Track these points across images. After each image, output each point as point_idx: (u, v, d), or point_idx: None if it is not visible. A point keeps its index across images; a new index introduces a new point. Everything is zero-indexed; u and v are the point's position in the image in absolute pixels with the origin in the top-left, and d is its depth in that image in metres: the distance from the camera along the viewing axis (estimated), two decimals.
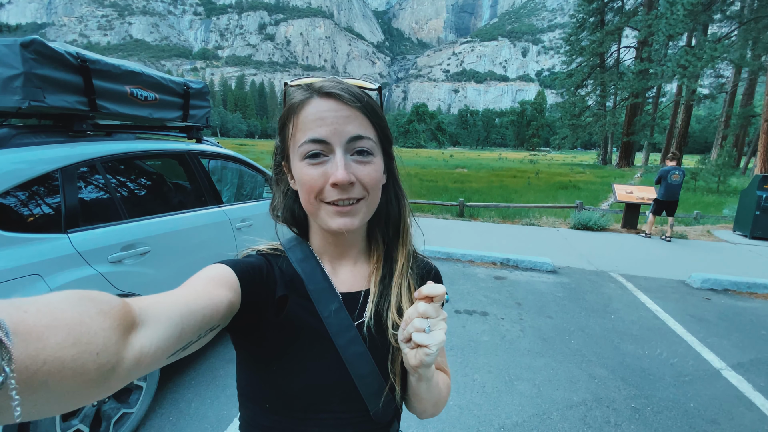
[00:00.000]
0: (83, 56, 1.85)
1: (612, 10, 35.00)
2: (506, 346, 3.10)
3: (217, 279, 0.50)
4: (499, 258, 5.30)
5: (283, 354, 0.56)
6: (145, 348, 0.35)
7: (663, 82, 29.08)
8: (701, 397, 2.52)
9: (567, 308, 3.87)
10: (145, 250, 2.04)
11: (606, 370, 2.77)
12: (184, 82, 2.63)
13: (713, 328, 3.55)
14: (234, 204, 2.93)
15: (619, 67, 35.44)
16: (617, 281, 4.71)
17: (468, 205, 9.26)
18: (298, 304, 0.58)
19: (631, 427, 2.22)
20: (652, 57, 27.65)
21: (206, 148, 2.84)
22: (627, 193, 7.59)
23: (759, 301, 4.30)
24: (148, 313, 0.37)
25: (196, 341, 0.44)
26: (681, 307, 3.99)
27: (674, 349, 3.13)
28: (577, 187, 17.10)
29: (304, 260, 0.61)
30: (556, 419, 2.26)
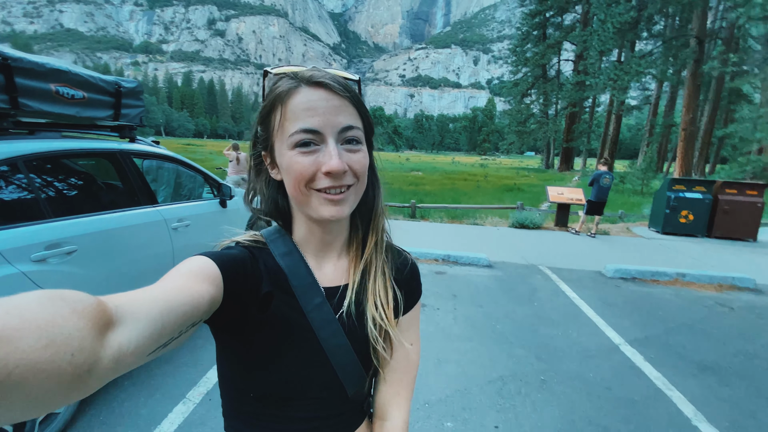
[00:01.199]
0: (4, 54, 1.82)
1: (552, 25, 37.64)
2: (439, 333, 3.35)
3: (198, 272, 0.49)
4: (440, 255, 5.62)
5: (267, 348, 0.57)
6: (124, 347, 0.34)
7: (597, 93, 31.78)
8: (600, 369, 2.91)
9: (497, 298, 4.23)
10: (71, 249, 2.03)
11: (524, 350, 3.11)
12: (115, 81, 2.61)
13: (619, 310, 4.06)
14: (170, 204, 2.93)
15: (559, 78, 38.14)
16: (544, 273, 5.19)
17: (419, 206, 9.62)
18: (282, 300, 0.58)
19: (538, 395, 2.54)
20: (588, 70, 30.07)
21: (140, 148, 2.82)
22: (558, 195, 8.30)
23: (660, 287, 4.94)
24: (126, 310, 0.36)
25: (177, 337, 0.43)
26: (595, 294, 4.51)
27: (584, 329, 3.56)
28: (522, 189, 18.23)
29: (287, 254, 0.60)
30: (475, 393, 2.52)
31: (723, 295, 4.75)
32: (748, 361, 3.15)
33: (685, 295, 4.67)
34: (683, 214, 8.11)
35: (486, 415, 2.32)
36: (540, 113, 39.61)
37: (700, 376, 2.88)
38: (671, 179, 8.36)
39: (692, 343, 3.42)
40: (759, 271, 5.69)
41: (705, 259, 6.27)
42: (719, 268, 5.74)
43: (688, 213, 8.10)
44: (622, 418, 2.36)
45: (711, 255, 6.61)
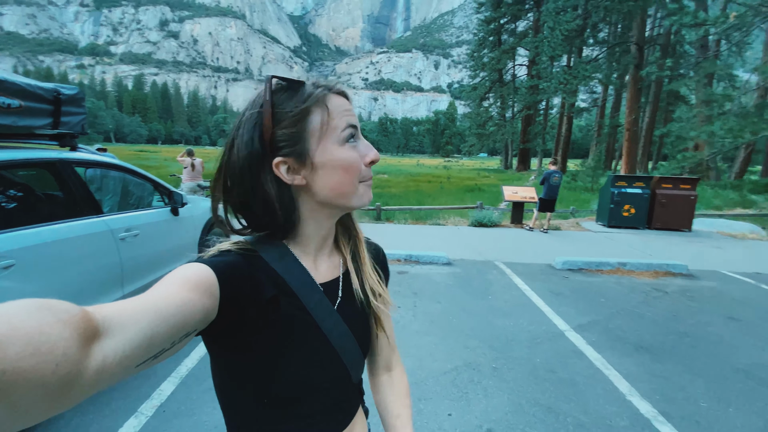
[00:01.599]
0: None
1: (507, 31, 39.33)
2: (399, 329, 3.45)
3: (194, 280, 0.48)
4: (403, 255, 5.75)
5: (277, 350, 0.58)
6: (109, 358, 0.34)
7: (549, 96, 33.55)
8: (546, 353, 3.12)
9: (455, 294, 4.40)
10: (8, 264, 1.93)
11: (478, 341, 3.28)
12: (54, 88, 2.51)
13: (565, 299, 4.35)
14: (117, 213, 2.84)
15: (515, 82, 39.86)
16: (499, 268, 5.45)
17: (384, 209, 9.74)
18: (287, 301, 0.59)
19: (490, 382, 2.69)
20: (540, 74, 31.70)
21: (82, 156, 2.72)
22: (513, 194, 8.71)
23: (604, 276, 5.33)
24: (113, 320, 0.36)
25: (169, 348, 0.42)
26: (545, 285, 4.80)
27: (533, 318, 3.79)
28: (482, 189, 18.87)
29: (281, 258, 0.61)
30: (431, 384, 2.63)
31: (659, 281, 5.19)
32: (678, 340, 3.49)
33: (625, 282, 5.07)
34: (626, 208, 8.76)
35: (440, 404, 2.44)
36: (498, 116, 41.18)
37: (635, 356, 3.16)
38: (614, 176, 9.01)
39: (630, 326, 3.74)
40: (692, 258, 6.27)
41: (644, 249, 6.82)
42: (657, 256, 6.26)
43: (630, 207, 8.76)
44: (564, 397, 2.55)
45: (650, 245, 7.19)
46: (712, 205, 13.59)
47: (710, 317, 4.00)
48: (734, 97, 18.41)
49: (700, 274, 5.53)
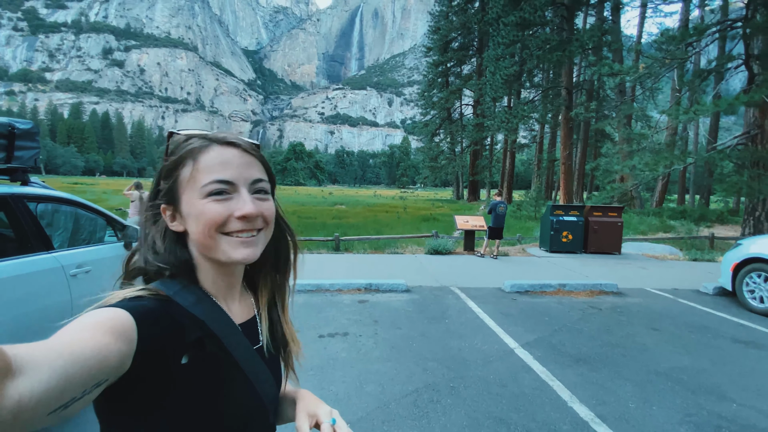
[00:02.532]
0: None
1: (454, 74, 42.56)
2: (361, 358, 3.54)
3: (108, 324, 0.45)
4: (363, 284, 5.87)
5: (205, 396, 0.56)
6: (25, 399, 0.32)
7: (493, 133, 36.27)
8: (498, 371, 3.36)
9: (414, 319, 4.58)
10: None
11: (436, 363, 3.45)
12: (8, 123, 2.49)
13: (514, 319, 4.69)
14: (68, 249, 2.76)
15: (462, 119, 42.70)
16: (454, 293, 5.74)
17: (343, 239, 9.84)
18: (210, 342, 0.59)
19: (448, 400, 2.85)
20: (485, 113, 34.33)
21: (34, 191, 2.65)
22: (464, 222, 9.26)
23: (547, 297, 5.79)
24: (25, 360, 0.33)
25: (80, 398, 0.39)
26: (495, 307, 5.13)
27: (486, 338, 4.05)
28: (437, 219, 19.59)
29: (198, 302, 0.60)
30: (393, 407, 2.74)
31: (594, 299, 5.74)
32: (611, 350, 3.89)
33: (566, 301, 5.55)
34: (564, 234, 9.59)
35: (403, 425, 2.55)
36: (448, 150, 43.58)
37: (575, 367, 3.49)
38: (552, 206, 9.90)
39: (570, 340, 4.11)
40: (621, 277, 6.98)
41: (581, 271, 7.49)
42: (592, 277, 6.91)
43: (568, 233, 9.61)
44: (514, 408, 2.77)
45: (586, 267, 7.90)
46: (638, 230, 15.19)
47: (637, 329, 4.50)
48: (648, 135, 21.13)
49: (628, 291, 6.18)
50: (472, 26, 37.69)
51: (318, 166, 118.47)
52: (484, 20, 32.34)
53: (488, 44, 29.63)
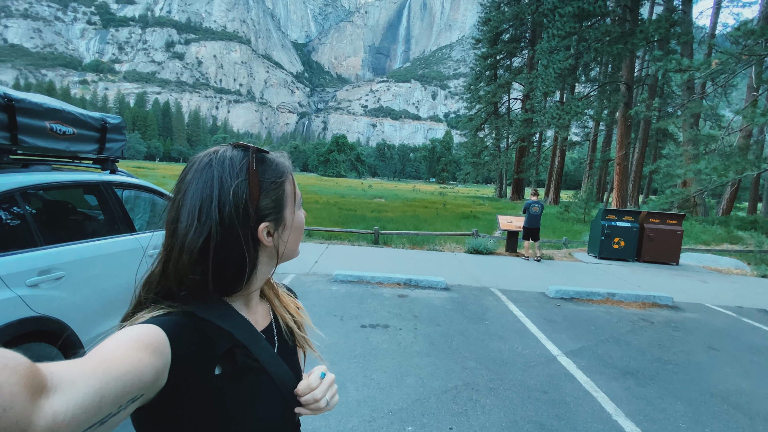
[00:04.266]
0: (9, 96, 2.02)
1: (503, 66, 41.13)
2: (401, 351, 3.65)
3: (142, 340, 0.46)
4: (402, 279, 5.97)
5: (239, 404, 0.57)
6: (60, 416, 0.32)
7: (542, 130, 34.84)
8: (539, 376, 3.33)
9: (453, 318, 4.62)
10: (60, 275, 2.16)
11: (475, 363, 3.48)
12: (102, 118, 2.81)
13: (558, 326, 4.58)
14: (147, 232, 3.08)
15: (509, 114, 41.29)
16: (495, 295, 5.69)
17: (382, 233, 10.01)
18: (240, 353, 0.60)
19: (488, 401, 2.89)
20: (534, 108, 32.99)
21: (120, 179, 2.98)
22: (508, 223, 9.05)
23: (594, 306, 5.59)
24: (62, 378, 0.34)
25: (116, 414, 0.40)
26: (538, 312, 5.04)
27: (527, 343, 4.01)
28: (477, 217, 19.27)
29: (224, 314, 0.61)
30: (432, 402, 2.83)
31: (646, 311, 5.46)
32: (662, 366, 3.72)
33: (614, 312, 5.33)
34: (615, 241, 9.11)
35: (442, 420, 2.63)
36: (493, 146, 42.35)
37: (622, 380, 3.39)
38: (604, 210, 9.42)
39: (617, 352, 3.97)
40: (677, 290, 6.56)
41: (633, 281, 7.11)
42: (644, 288, 6.55)
43: (620, 240, 9.12)
44: (555, 415, 2.76)
45: (638, 277, 7.49)
46: (700, 240, 14.04)
47: (692, 346, 4.25)
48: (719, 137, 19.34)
49: (685, 306, 5.81)
50: (525, 17, 36.10)
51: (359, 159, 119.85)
52: (538, 11, 30.84)
53: (542, 36, 28.24)
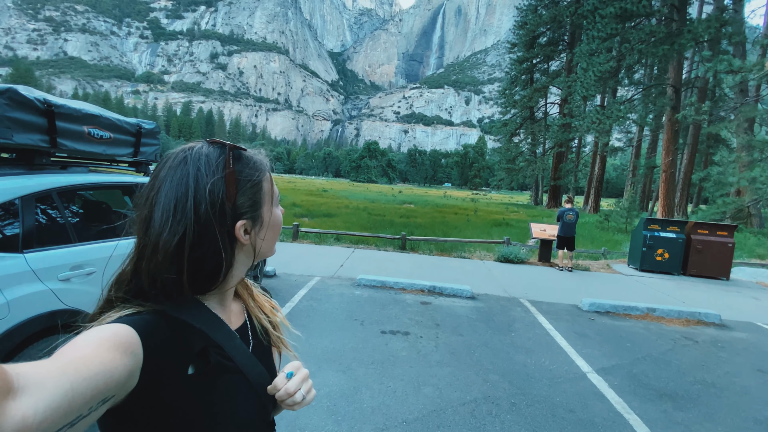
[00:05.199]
0: (50, 102, 2.17)
1: (539, 70, 40.01)
2: (420, 359, 3.57)
3: (113, 340, 0.45)
4: (426, 286, 5.87)
5: (213, 405, 0.56)
6: (29, 418, 0.31)
7: (582, 135, 33.41)
8: (566, 393, 3.14)
9: (477, 328, 4.47)
10: (91, 271, 2.29)
11: (497, 376, 3.34)
12: (137, 123, 2.98)
13: (590, 341, 4.32)
14: None
15: (546, 119, 40.00)
16: (524, 305, 5.46)
17: (410, 238, 9.94)
18: (214, 351, 0.59)
19: (508, 416, 2.75)
20: (573, 113, 31.75)
21: None
22: (541, 231, 8.71)
23: (631, 321, 5.23)
24: (30, 379, 0.33)
25: (86, 416, 0.39)
26: (569, 326, 4.78)
27: (555, 358, 3.80)
28: (510, 224, 18.72)
29: (197, 313, 0.60)
30: (449, 413, 2.73)
31: (689, 329, 5.04)
32: (704, 389, 3.41)
33: (653, 328, 4.96)
34: (659, 253, 8.53)
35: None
36: (528, 152, 41.15)
37: (658, 402, 3.13)
38: (647, 219, 8.85)
39: (655, 372, 3.68)
40: (726, 307, 6.03)
41: (676, 296, 6.61)
42: (689, 304, 6.06)
43: (664, 251, 8.53)
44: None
45: (683, 292, 6.95)
46: (754, 254, 12.89)
47: (739, 368, 3.87)
48: None
49: (733, 324, 5.32)
50: (564, 19, 34.94)
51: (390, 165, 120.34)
52: (577, 13, 29.77)
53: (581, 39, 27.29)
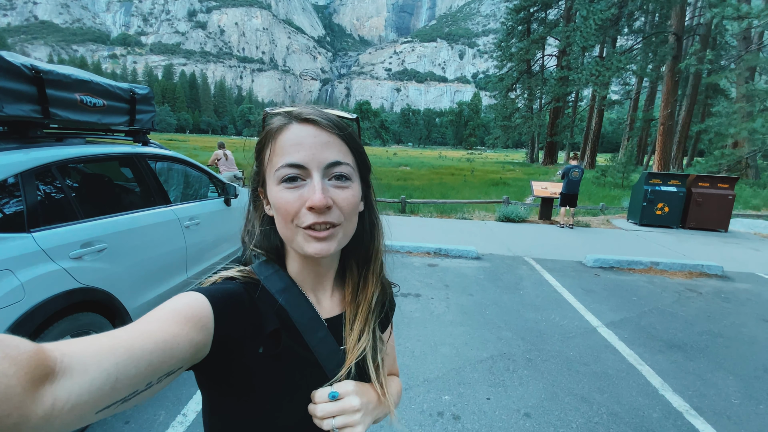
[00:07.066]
0: (36, 67, 1.98)
1: (537, 20, 38.17)
2: (434, 320, 3.63)
3: (184, 312, 0.45)
4: (432, 248, 5.89)
5: (276, 389, 0.54)
6: (60, 402, 0.31)
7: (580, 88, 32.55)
8: (579, 348, 3.23)
9: (486, 287, 4.53)
10: (102, 247, 2.21)
11: (511, 333, 3.41)
12: (130, 88, 2.77)
13: (597, 296, 4.41)
14: (181, 203, 3.11)
15: (543, 73, 38.78)
16: (529, 264, 5.53)
17: (409, 201, 9.89)
18: (288, 336, 0.56)
19: (525, 372, 2.83)
20: (571, 65, 30.74)
21: (152, 151, 2.98)
22: (542, 189, 8.67)
23: (636, 275, 5.33)
24: (73, 360, 0.33)
25: (144, 390, 0.39)
26: (576, 282, 4.86)
27: (565, 314, 3.88)
28: (507, 183, 18.66)
29: (285, 290, 0.58)
30: (468, 371, 2.80)
31: (692, 281, 5.15)
32: (711, 339, 3.52)
33: (657, 282, 5.06)
34: (659, 207, 8.57)
35: (479, 389, 2.60)
36: (525, 108, 40.27)
37: (668, 353, 3.23)
38: (648, 173, 8.81)
39: (662, 324, 3.78)
40: (727, 259, 6.14)
41: (678, 249, 6.71)
42: (691, 257, 6.17)
43: (664, 205, 8.57)
44: (597, 388, 2.67)
45: (683, 245, 7.06)
46: (750, 205, 13.05)
47: (745, 319, 3.98)
48: None
49: (735, 276, 5.44)
50: None
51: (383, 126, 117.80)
52: None
53: None
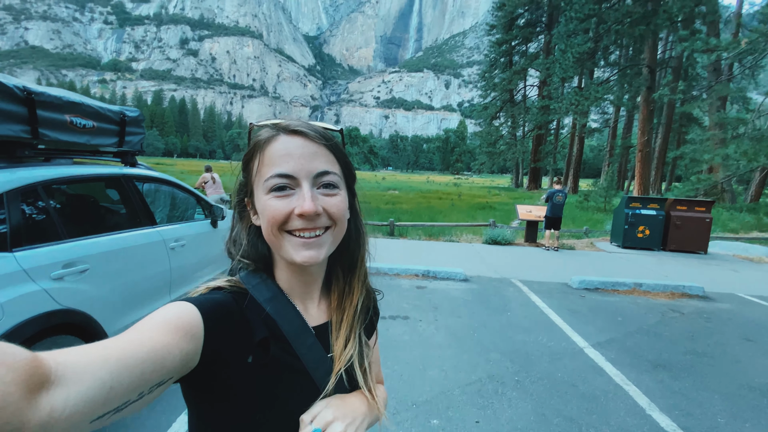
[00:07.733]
0: (29, 89, 2.01)
1: (518, 53, 40.08)
2: (422, 342, 3.60)
3: (174, 322, 0.45)
4: (420, 270, 5.90)
5: (267, 399, 0.54)
6: (57, 411, 0.31)
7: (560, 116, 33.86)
8: (567, 369, 3.23)
9: (474, 309, 4.54)
10: (84, 268, 2.17)
11: (499, 354, 3.40)
12: (120, 111, 2.80)
13: (583, 317, 4.45)
14: (167, 225, 3.09)
15: (525, 102, 40.32)
16: (516, 286, 5.57)
17: (398, 224, 9.95)
18: (277, 345, 0.56)
19: (514, 393, 2.81)
20: (551, 95, 32.09)
21: (140, 172, 2.98)
22: (527, 212, 8.85)
23: (619, 296, 5.41)
24: (68, 369, 0.33)
25: (137, 400, 0.39)
26: (562, 303, 4.90)
27: (552, 335, 3.90)
28: (493, 207, 18.99)
29: (273, 299, 0.58)
30: (457, 394, 2.77)
31: (675, 302, 5.25)
32: (696, 359, 3.56)
33: (641, 302, 5.14)
34: (640, 230, 8.81)
35: (467, 412, 2.57)
36: (509, 135, 41.56)
37: (654, 373, 3.25)
38: (628, 197, 9.10)
39: (647, 344, 3.82)
40: (708, 280, 6.30)
41: (660, 270, 6.86)
42: (672, 278, 6.31)
43: (645, 228, 8.82)
44: (585, 410, 2.66)
45: (665, 266, 7.22)
46: (728, 228, 13.50)
47: (727, 338, 4.06)
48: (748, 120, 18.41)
49: (716, 296, 5.57)
50: (542, 1, 35.01)
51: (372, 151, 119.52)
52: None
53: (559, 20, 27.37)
